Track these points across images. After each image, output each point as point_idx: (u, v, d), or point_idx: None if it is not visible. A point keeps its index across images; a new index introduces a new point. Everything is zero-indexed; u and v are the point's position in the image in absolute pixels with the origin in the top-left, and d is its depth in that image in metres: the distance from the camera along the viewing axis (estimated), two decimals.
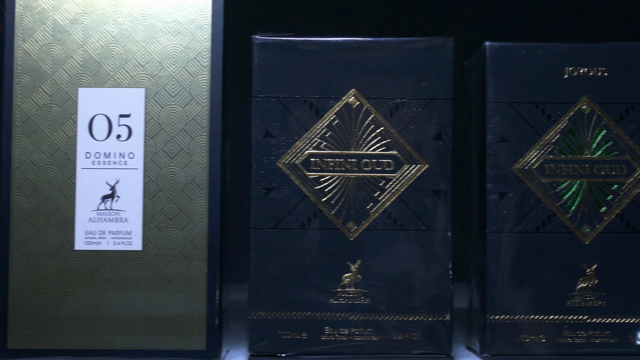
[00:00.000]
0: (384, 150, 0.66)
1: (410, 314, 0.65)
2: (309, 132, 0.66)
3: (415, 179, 0.66)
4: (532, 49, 0.67)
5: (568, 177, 0.67)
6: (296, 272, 0.65)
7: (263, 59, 0.66)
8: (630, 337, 0.66)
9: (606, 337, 0.66)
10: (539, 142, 0.67)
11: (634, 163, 0.67)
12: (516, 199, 0.66)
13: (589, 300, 0.66)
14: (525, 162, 0.67)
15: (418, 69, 0.66)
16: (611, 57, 0.67)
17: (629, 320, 0.66)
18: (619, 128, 0.67)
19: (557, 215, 0.67)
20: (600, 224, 0.67)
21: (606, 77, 0.67)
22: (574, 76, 0.67)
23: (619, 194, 0.67)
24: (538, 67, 0.67)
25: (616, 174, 0.67)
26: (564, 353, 0.66)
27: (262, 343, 0.65)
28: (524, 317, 0.66)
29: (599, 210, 0.67)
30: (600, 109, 0.67)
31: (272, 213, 0.66)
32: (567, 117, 0.67)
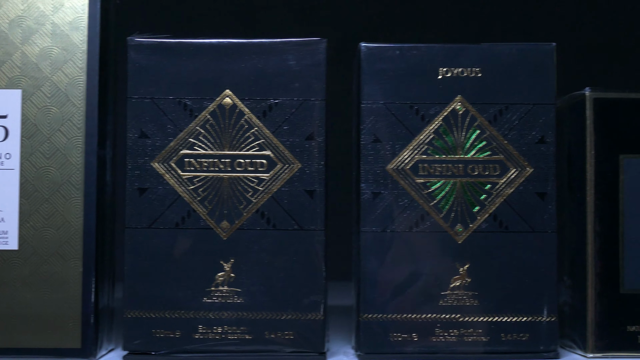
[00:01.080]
0: (258, 151, 0.67)
1: (283, 313, 0.66)
2: (183, 133, 0.67)
3: (289, 179, 0.67)
4: (407, 49, 0.68)
5: (441, 177, 0.67)
6: (170, 272, 0.66)
7: (137, 61, 0.67)
8: (502, 336, 0.67)
9: (478, 335, 0.67)
10: (412, 142, 0.67)
11: (507, 163, 0.67)
12: (390, 199, 0.67)
13: (462, 299, 0.67)
14: (399, 162, 0.67)
15: (291, 69, 0.67)
16: (485, 58, 0.68)
17: (501, 319, 0.67)
18: (492, 128, 0.67)
19: (430, 215, 0.67)
20: (474, 224, 0.67)
21: (480, 77, 0.68)
22: (448, 77, 0.68)
23: (492, 194, 0.67)
24: (412, 68, 0.67)
25: (489, 173, 0.67)
26: (436, 351, 0.67)
27: (137, 341, 0.66)
28: (397, 315, 0.67)
29: (472, 209, 0.67)
30: (474, 109, 0.68)
31: (147, 213, 0.66)
32: (441, 118, 0.67)
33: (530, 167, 0.67)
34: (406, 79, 0.67)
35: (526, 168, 0.67)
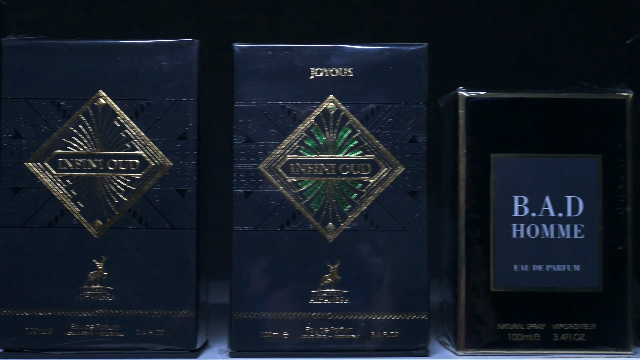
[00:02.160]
0: (130, 150, 0.67)
1: (154, 311, 0.67)
2: (56, 133, 0.67)
3: (160, 179, 0.67)
4: (279, 50, 0.68)
5: (313, 176, 0.68)
6: (44, 270, 0.67)
7: (12, 61, 0.68)
8: (372, 333, 0.67)
9: (349, 333, 0.67)
10: (284, 142, 0.68)
11: (379, 162, 0.68)
12: (261, 198, 0.68)
13: (332, 298, 0.67)
14: (271, 161, 0.68)
15: (163, 70, 0.67)
16: (357, 58, 0.68)
17: (371, 317, 0.67)
18: (364, 128, 0.68)
19: (301, 214, 0.68)
20: (345, 222, 0.68)
21: (352, 77, 0.68)
22: (320, 77, 0.68)
23: (364, 193, 0.68)
24: (285, 68, 0.68)
25: (361, 173, 0.68)
26: (306, 349, 0.67)
27: (11, 339, 0.67)
28: (268, 314, 0.67)
29: (344, 208, 0.68)
30: (346, 108, 0.68)
31: (20, 212, 0.67)
32: (312, 117, 0.68)
33: (401, 167, 0.68)
34: (278, 79, 0.68)
35: (397, 167, 0.68)
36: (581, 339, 0.68)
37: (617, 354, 0.68)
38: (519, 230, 0.68)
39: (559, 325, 0.68)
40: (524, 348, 0.68)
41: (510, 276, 0.68)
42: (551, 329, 0.68)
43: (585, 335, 0.68)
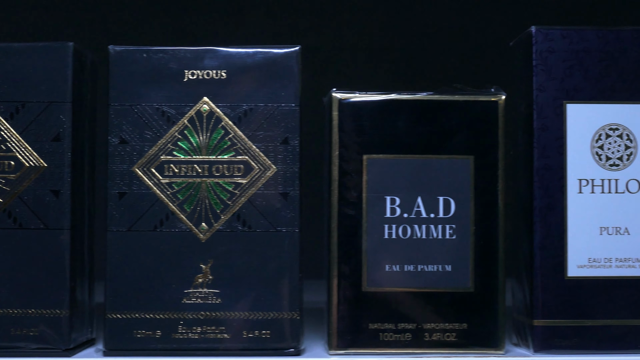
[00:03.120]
0: (5, 152, 0.68)
1: (28, 310, 0.68)
2: None
3: (35, 180, 0.68)
4: (154, 52, 0.69)
5: (187, 177, 0.69)
6: None
7: None
8: (244, 333, 0.68)
9: (221, 332, 0.68)
10: (158, 143, 0.69)
11: (251, 163, 0.69)
12: (135, 199, 0.68)
13: (205, 297, 0.68)
14: (145, 162, 0.69)
15: (37, 72, 0.68)
16: (231, 61, 0.69)
17: (243, 317, 0.68)
18: (237, 129, 0.69)
19: (175, 214, 0.68)
20: (218, 223, 0.68)
21: (225, 79, 0.69)
22: (194, 79, 0.69)
23: (236, 194, 0.69)
24: (159, 71, 0.69)
25: (234, 174, 0.69)
26: (178, 348, 0.68)
27: None
28: (141, 313, 0.68)
29: (217, 209, 0.68)
30: (220, 110, 0.69)
31: None
32: (186, 119, 0.69)
33: (274, 168, 0.69)
34: (153, 81, 0.69)
35: (270, 168, 0.69)
36: (452, 339, 0.69)
37: (489, 353, 0.69)
38: (391, 230, 0.69)
39: (430, 325, 0.69)
40: (396, 347, 0.69)
41: (382, 276, 0.69)
42: (422, 328, 0.69)
43: (457, 335, 0.69)
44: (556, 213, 0.69)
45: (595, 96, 0.70)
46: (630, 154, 0.70)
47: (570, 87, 0.70)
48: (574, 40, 0.70)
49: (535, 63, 0.70)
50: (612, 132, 0.70)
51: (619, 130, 0.70)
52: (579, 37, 0.70)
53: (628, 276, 0.70)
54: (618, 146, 0.70)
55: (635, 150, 0.70)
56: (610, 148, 0.70)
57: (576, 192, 0.70)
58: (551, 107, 0.70)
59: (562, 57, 0.70)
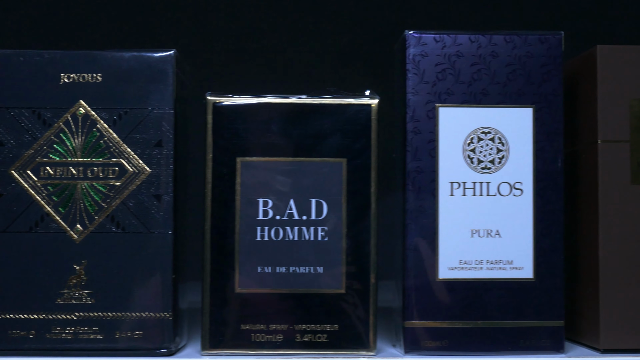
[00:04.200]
0: None
1: None
2: None
3: None
4: (30, 55, 0.70)
5: (62, 179, 0.70)
6: None
7: None
8: (117, 333, 0.69)
9: (94, 332, 0.69)
10: (34, 146, 0.70)
11: (126, 165, 0.70)
12: (11, 200, 0.69)
13: (79, 298, 0.69)
14: (21, 164, 0.69)
15: None
16: (106, 64, 0.70)
17: (116, 317, 0.69)
18: (112, 132, 0.70)
19: (50, 216, 0.69)
20: (92, 224, 0.69)
21: (101, 83, 0.70)
22: (69, 82, 0.70)
23: (111, 196, 0.69)
24: (35, 74, 0.70)
25: (108, 176, 0.70)
26: (52, 348, 0.69)
27: None
28: (15, 314, 0.69)
29: (91, 211, 0.69)
30: (95, 113, 0.70)
31: None
32: (62, 122, 0.70)
33: (147, 170, 0.70)
34: (29, 85, 0.70)
35: (144, 171, 0.70)
36: (323, 340, 0.69)
37: (359, 354, 0.69)
38: (264, 232, 0.70)
39: (302, 326, 0.69)
40: (267, 348, 0.69)
41: (254, 278, 0.70)
42: (294, 329, 0.69)
43: (328, 336, 0.69)
44: (428, 215, 0.70)
45: (468, 100, 0.71)
46: (502, 157, 0.71)
47: (442, 91, 0.70)
48: (447, 44, 0.71)
49: (409, 67, 0.71)
50: (484, 135, 0.71)
51: (490, 133, 0.71)
52: (452, 41, 0.71)
53: (499, 278, 0.70)
54: (490, 149, 0.71)
55: (507, 154, 0.71)
56: (482, 151, 0.70)
57: (448, 194, 0.70)
58: (423, 111, 0.70)
59: (435, 61, 0.71)
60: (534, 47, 0.71)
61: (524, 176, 0.71)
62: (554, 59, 0.71)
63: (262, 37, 1.09)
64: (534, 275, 0.70)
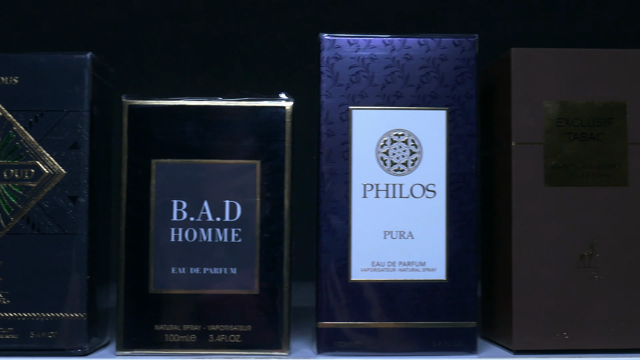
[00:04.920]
0: None
1: None
2: None
3: None
4: None
5: None
6: None
7: None
8: (31, 333, 0.70)
9: (9, 333, 0.70)
10: None
11: (41, 167, 0.70)
12: None
13: None
14: None
15: None
16: (22, 66, 0.70)
17: (30, 317, 0.69)
18: (28, 134, 0.70)
19: None
20: (7, 225, 0.70)
21: (17, 85, 0.70)
22: None
23: (26, 197, 0.70)
24: None
25: (24, 177, 0.70)
26: None
27: None
28: None
29: (7, 212, 0.70)
30: (11, 115, 0.70)
31: None
32: None
33: (63, 172, 0.70)
34: None
35: (59, 172, 0.70)
36: (236, 340, 0.70)
37: (271, 354, 0.70)
38: (177, 234, 0.70)
39: (215, 327, 0.70)
40: (180, 349, 0.70)
41: (168, 279, 0.70)
42: (207, 330, 0.70)
43: (241, 337, 0.70)
44: (341, 217, 0.71)
45: (381, 102, 0.71)
46: (415, 160, 0.71)
47: (356, 93, 0.71)
48: (361, 47, 0.71)
49: (323, 69, 0.71)
50: (397, 137, 0.71)
51: (404, 135, 0.71)
52: (366, 44, 0.71)
53: (411, 279, 0.71)
54: (403, 151, 0.71)
55: (420, 156, 0.71)
56: (395, 153, 0.71)
57: (360, 196, 0.71)
58: (337, 113, 0.71)
59: (349, 64, 0.71)
60: (448, 50, 0.72)
61: (437, 178, 0.71)
62: (468, 62, 0.72)
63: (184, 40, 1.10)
64: (447, 277, 0.71)
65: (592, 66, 0.72)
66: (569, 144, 0.72)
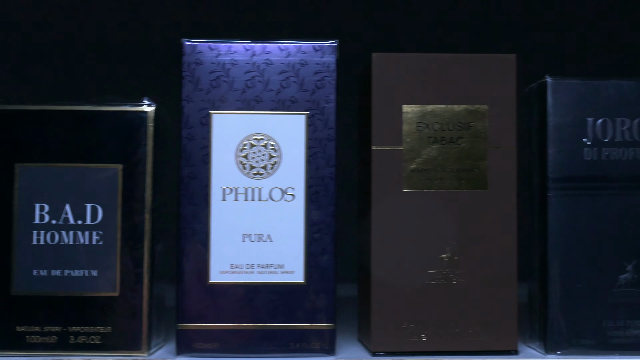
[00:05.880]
0: None
1: None
2: None
3: None
4: None
5: None
6: None
7: None
8: None
9: None
10: None
11: None
12: None
13: None
14: None
15: None
16: None
17: None
18: None
19: None
20: None
21: None
22: None
23: None
24: None
25: None
26: None
27: None
28: None
29: None
30: None
31: None
32: None
33: None
34: None
35: None
36: (97, 342, 0.71)
37: (131, 355, 0.71)
38: (40, 237, 0.71)
39: (76, 328, 0.71)
40: (41, 350, 0.71)
41: (30, 280, 0.71)
42: (68, 331, 0.71)
43: (101, 338, 0.71)
44: (200, 220, 0.72)
45: (241, 107, 0.72)
46: (275, 163, 0.72)
47: (216, 98, 0.72)
48: (221, 52, 0.72)
49: (184, 74, 0.72)
50: (257, 141, 0.72)
51: (263, 140, 0.72)
52: (226, 49, 0.72)
53: (269, 282, 0.71)
54: (262, 155, 0.72)
55: (280, 160, 0.72)
56: (254, 157, 0.72)
57: (220, 200, 0.72)
58: (197, 117, 0.72)
59: (210, 69, 0.72)
60: (308, 55, 0.72)
61: (296, 182, 0.72)
62: (328, 67, 0.72)
63: (45, 45, 1.11)
64: (305, 279, 0.72)
65: (452, 71, 0.73)
66: (428, 148, 0.73)
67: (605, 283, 0.72)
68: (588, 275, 0.72)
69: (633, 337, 0.72)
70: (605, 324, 0.72)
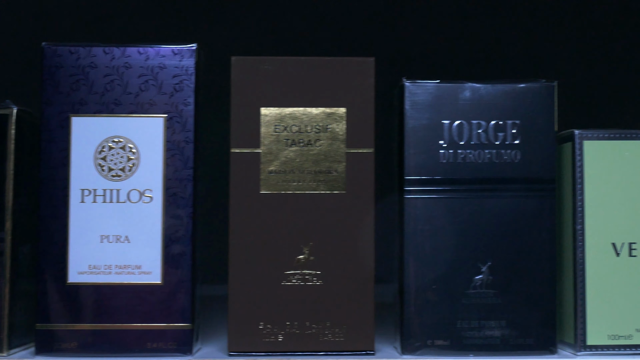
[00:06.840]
0: None
1: None
2: None
3: None
4: None
5: None
6: None
7: None
8: None
9: None
10: None
11: None
12: None
13: None
14: None
15: None
16: None
17: None
18: None
19: None
20: None
21: None
22: None
23: None
24: None
25: None
26: None
27: None
28: None
29: None
30: None
31: None
32: None
33: None
34: None
35: None
36: None
37: None
38: None
39: None
40: None
41: None
42: None
43: None
44: (59, 222, 0.72)
45: (100, 110, 0.73)
46: (133, 165, 0.73)
47: (76, 101, 0.73)
48: (81, 56, 0.73)
49: (44, 78, 0.73)
50: (115, 144, 0.73)
51: (122, 142, 0.73)
52: (86, 53, 0.73)
53: (127, 282, 0.72)
54: (120, 157, 0.73)
55: (138, 162, 0.73)
56: (113, 159, 0.73)
57: (78, 201, 0.73)
58: (57, 120, 0.73)
59: (70, 72, 0.73)
60: (167, 59, 0.73)
61: (153, 184, 0.73)
62: (187, 70, 0.73)
63: None
64: (162, 280, 0.72)
65: (311, 74, 0.74)
66: (286, 151, 0.73)
67: (460, 284, 0.73)
68: (443, 277, 0.73)
69: (487, 338, 0.73)
70: (460, 325, 0.73)
